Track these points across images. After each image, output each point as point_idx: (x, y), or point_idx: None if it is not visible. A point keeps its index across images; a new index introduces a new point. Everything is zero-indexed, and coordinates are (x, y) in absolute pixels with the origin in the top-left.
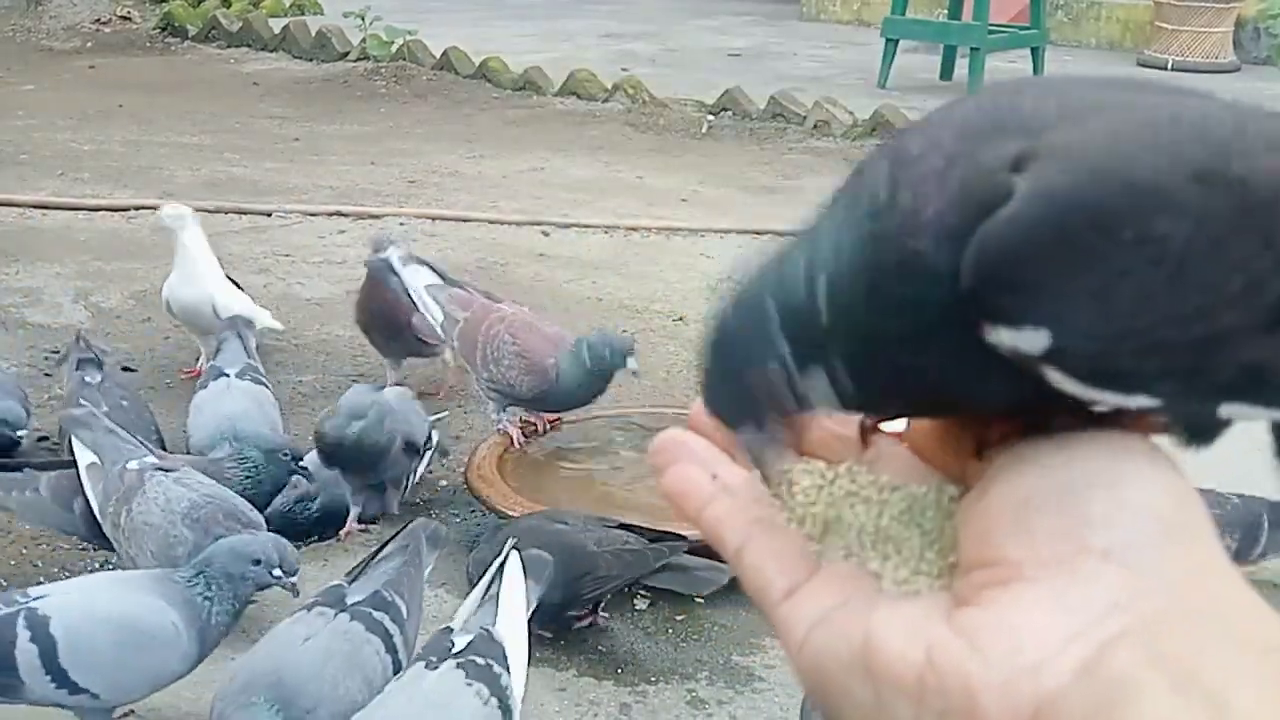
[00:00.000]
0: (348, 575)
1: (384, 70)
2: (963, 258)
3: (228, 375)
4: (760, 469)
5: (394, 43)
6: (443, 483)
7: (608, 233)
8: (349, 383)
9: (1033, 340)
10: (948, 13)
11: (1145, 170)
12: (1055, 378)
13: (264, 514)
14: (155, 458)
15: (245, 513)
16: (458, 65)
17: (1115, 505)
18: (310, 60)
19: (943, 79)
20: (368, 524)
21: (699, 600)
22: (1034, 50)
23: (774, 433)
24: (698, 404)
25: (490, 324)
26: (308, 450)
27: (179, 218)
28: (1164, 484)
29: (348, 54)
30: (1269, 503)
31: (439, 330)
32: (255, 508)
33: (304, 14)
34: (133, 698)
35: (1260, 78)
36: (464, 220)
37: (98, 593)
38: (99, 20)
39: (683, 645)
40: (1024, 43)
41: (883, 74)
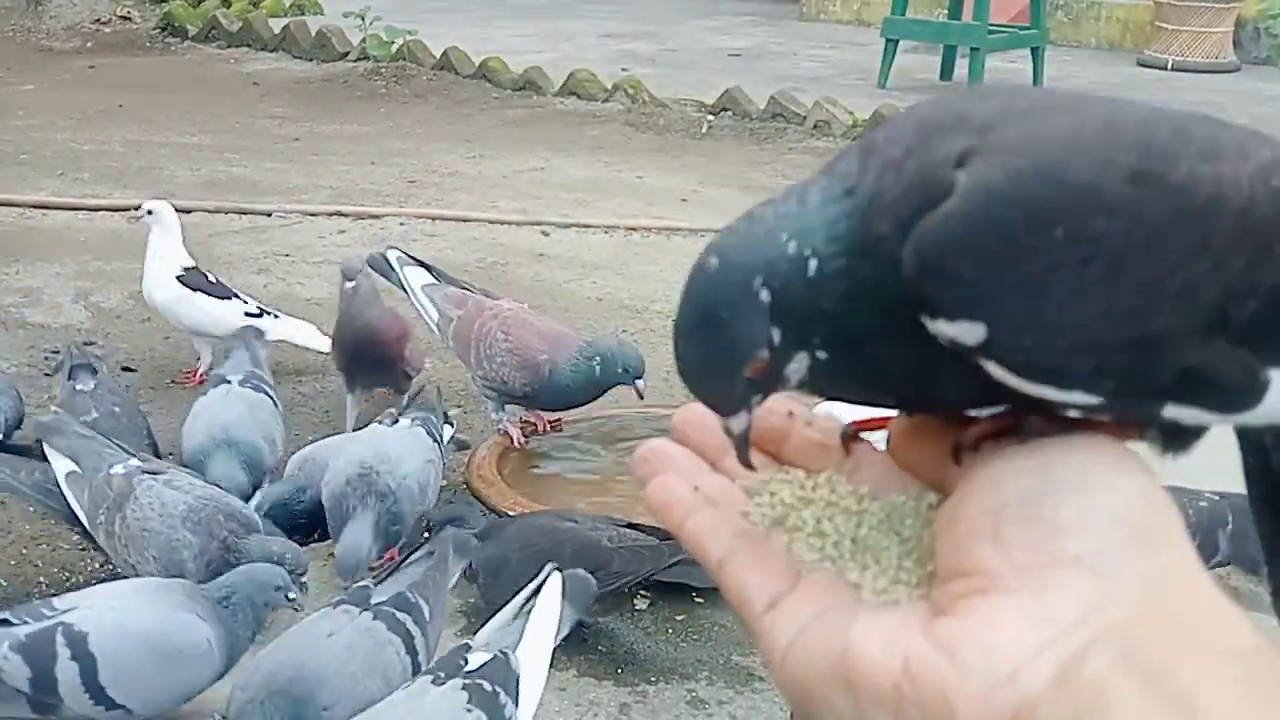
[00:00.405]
0: (374, 576)
1: (384, 70)
2: (903, 251)
3: (229, 382)
4: (737, 450)
5: (394, 43)
6: (443, 483)
7: (608, 233)
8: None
9: (969, 333)
10: (948, 13)
11: (1079, 170)
12: (993, 370)
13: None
14: (138, 460)
15: (242, 512)
16: (458, 65)
17: (1086, 512)
18: (310, 60)
19: (943, 79)
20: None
21: (699, 600)
22: (1034, 50)
23: (750, 412)
24: (680, 414)
25: (483, 321)
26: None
27: (157, 214)
28: (1135, 489)
29: (348, 54)
30: (1238, 504)
31: (434, 329)
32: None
33: (304, 14)
34: (163, 711)
35: (1260, 78)
36: (464, 220)
37: (132, 607)
38: (99, 20)
39: (683, 645)
40: (1024, 43)
41: (883, 74)
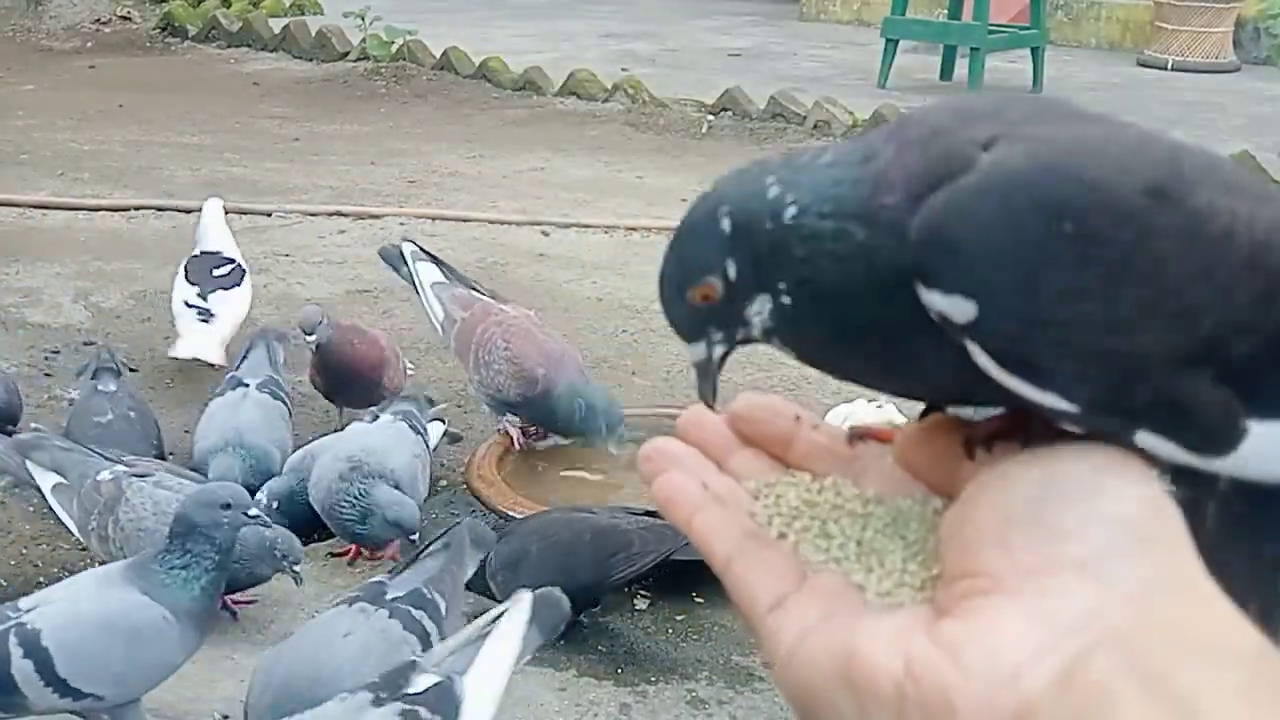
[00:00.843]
0: (391, 570)
1: (384, 70)
2: (914, 219)
3: (247, 386)
4: (701, 385)
5: (394, 43)
6: (443, 483)
7: (608, 233)
8: None
9: (960, 309)
10: (948, 13)
11: (1099, 172)
12: (975, 352)
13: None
14: (124, 465)
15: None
16: (458, 65)
17: (1090, 517)
18: (310, 60)
19: (943, 79)
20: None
21: (699, 600)
22: (1034, 50)
23: (719, 350)
24: (686, 415)
25: (486, 326)
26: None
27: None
28: (1139, 495)
29: (348, 54)
30: None
31: (438, 328)
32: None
33: (304, 14)
34: (139, 692)
35: (1260, 78)
36: (464, 220)
37: (82, 596)
38: (99, 20)
39: (683, 645)
40: (1024, 43)
41: (883, 74)
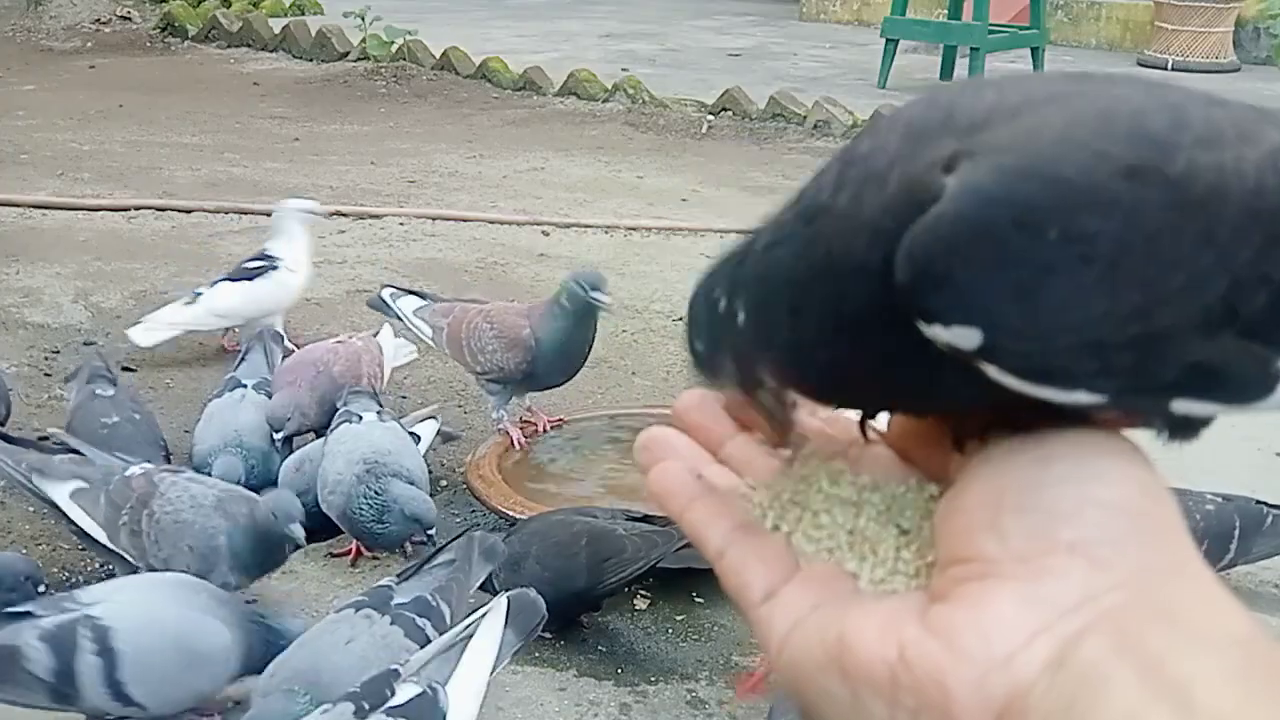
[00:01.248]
0: (399, 575)
1: (384, 70)
2: (895, 258)
3: (245, 386)
4: (768, 424)
5: (394, 43)
6: (443, 483)
7: (608, 233)
8: None
9: (966, 338)
10: (948, 13)
11: (1070, 167)
12: (992, 373)
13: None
14: (149, 465)
15: (263, 503)
16: (458, 65)
17: (1084, 501)
18: (310, 60)
19: (942, 79)
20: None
21: (699, 600)
22: (1034, 50)
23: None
24: (680, 400)
25: (469, 319)
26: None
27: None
28: (1133, 479)
29: (348, 54)
30: (1245, 508)
31: (431, 344)
32: None
33: (304, 14)
34: (175, 711)
35: (1260, 78)
36: (464, 220)
37: (158, 604)
38: (99, 20)
39: (683, 645)
40: (1024, 43)
41: (882, 74)
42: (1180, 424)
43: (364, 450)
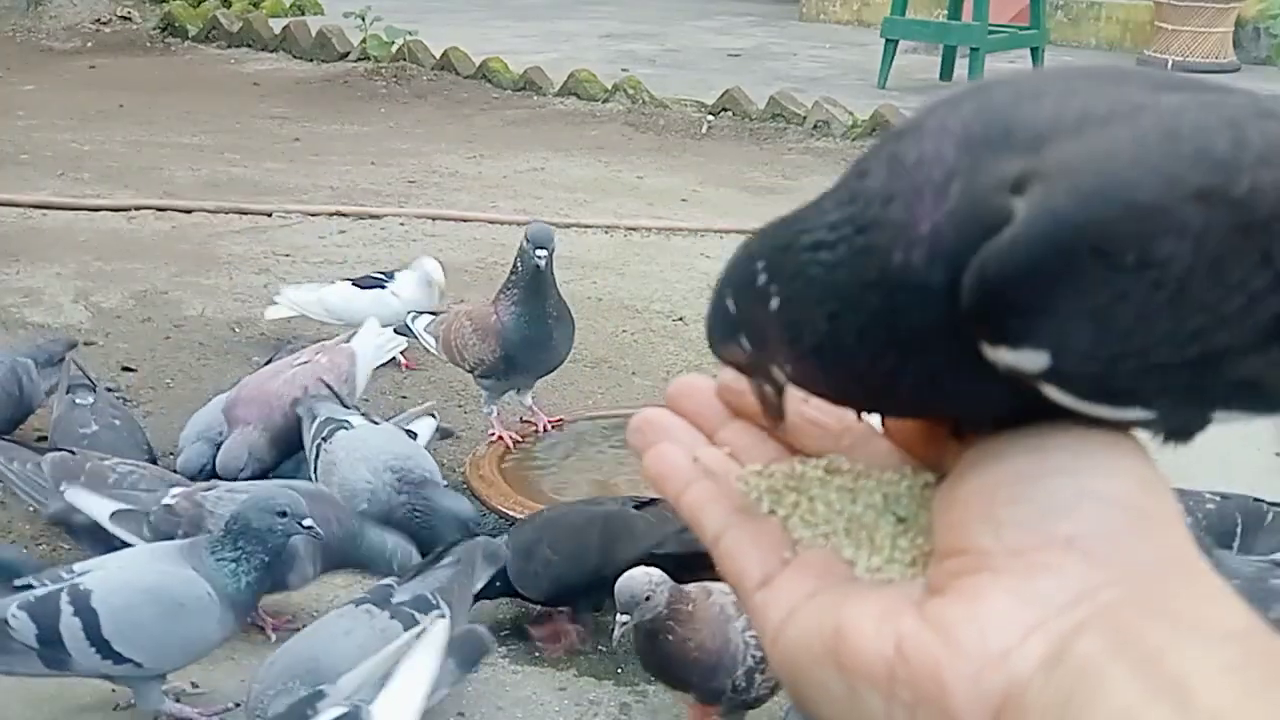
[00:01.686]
0: (401, 576)
1: (384, 70)
2: (963, 279)
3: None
4: (766, 410)
5: (394, 43)
6: (443, 483)
7: (608, 233)
8: None
9: (1033, 360)
10: (948, 13)
11: (1147, 192)
12: (1053, 393)
13: None
14: (173, 485)
15: (344, 510)
16: (458, 65)
17: (1080, 494)
18: (310, 60)
19: (942, 79)
20: None
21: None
22: (1034, 50)
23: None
24: (675, 384)
25: (454, 321)
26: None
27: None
28: (1131, 472)
29: (348, 54)
30: (1246, 506)
31: (439, 355)
32: None
33: (304, 14)
34: (175, 665)
35: (1260, 78)
36: (464, 220)
37: (135, 566)
38: (99, 20)
39: None
40: (1024, 43)
41: (882, 74)
42: (1180, 426)
43: (385, 458)
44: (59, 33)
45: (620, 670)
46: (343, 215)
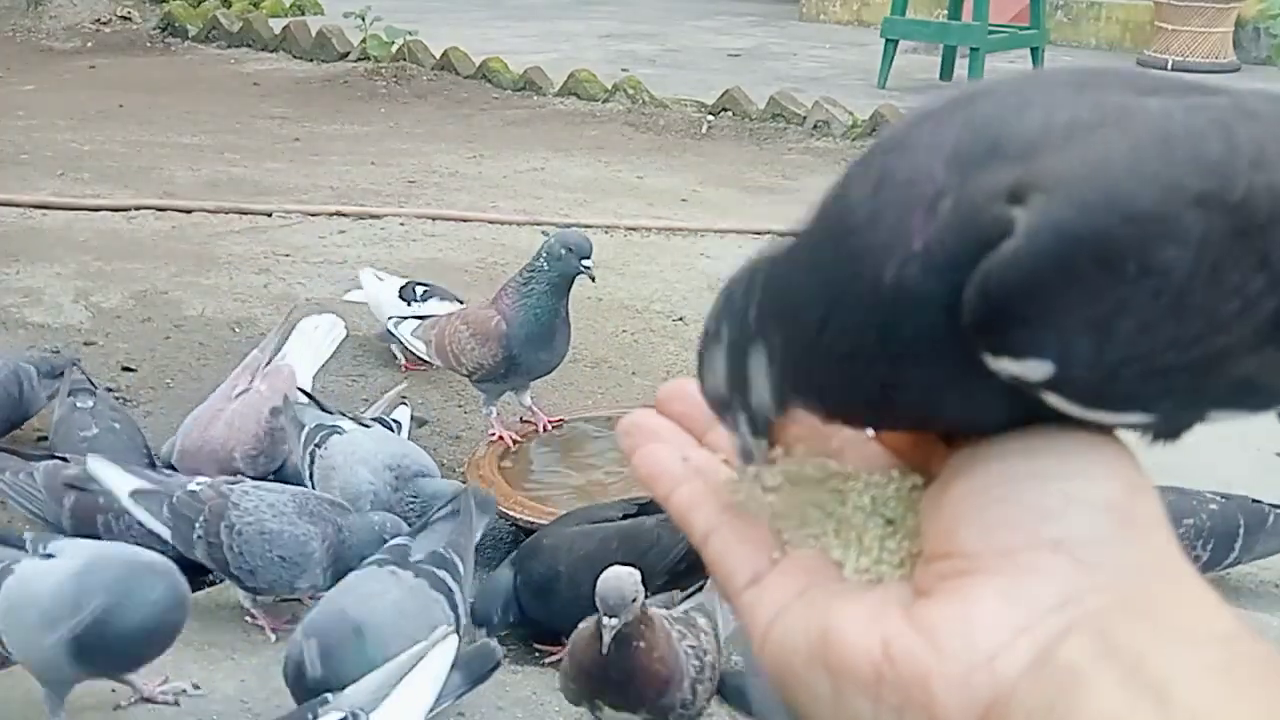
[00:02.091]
0: (409, 532)
1: (384, 70)
2: (965, 293)
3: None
4: (742, 458)
5: (394, 43)
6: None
7: (608, 233)
8: (348, 382)
9: (1037, 370)
10: (948, 13)
11: (1147, 200)
12: (1054, 401)
13: None
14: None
15: (341, 503)
16: (458, 65)
17: (1068, 498)
18: (310, 60)
19: (942, 79)
20: None
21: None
22: (1034, 50)
23: (752, 428)
24: (664, 387)
25: (448, 327)
26: None
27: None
28: (1118, 476)
29: (348, 54)
30: (1247, 507)
31: (435, 360)
32: None
33: (304, 14)
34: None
35: (1260, 78)
36: (464, 220)
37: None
38: (99, 20)
39: None
40: (1024, 43)
41: (882, 74)
42: (1166, 425)
43: (382, 458)
44: (59, 33)
45: None
46: (343, 215)
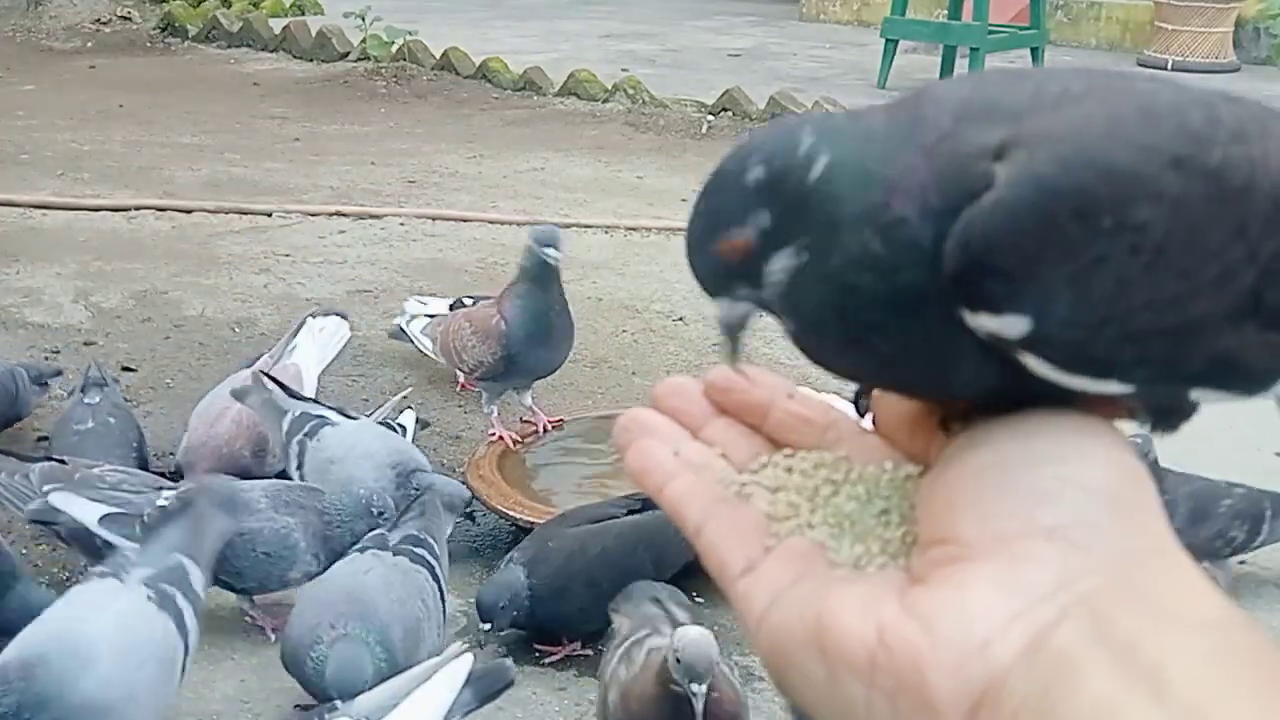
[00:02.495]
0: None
1: (384, 70)
2: (945, 242)
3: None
4: (724, 345)
5: (394, 43)
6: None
7: (608, 233)
8: (349, 382)
9: (1013, 326)
10: (948, 13)
11: (1124, 158)
12: (1032, 363)
13: None
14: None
15: (314, 487)
16: (458, 65)
17: (1062, 483)
18: (310, 60)
19: (942, 79)
20: None
21: (699, 600)
22: (1034, 50)
23: (743, 308)
24: (661, 385)
25: (453, 324)
26: None
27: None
28: (1113, 462)
29: (348, 54)
30: (1272, 494)
31: (438, 358)
32: None
33: (304, 14)
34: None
35: (1260, 78)
36: (464, 220)
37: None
38: (99, 20)
39: None
40: (1024, 43)
41: (882, 74)
42: (1166, 415)
43: (384, 455)
44: (59, 33)
45: None
46: (343, 215)
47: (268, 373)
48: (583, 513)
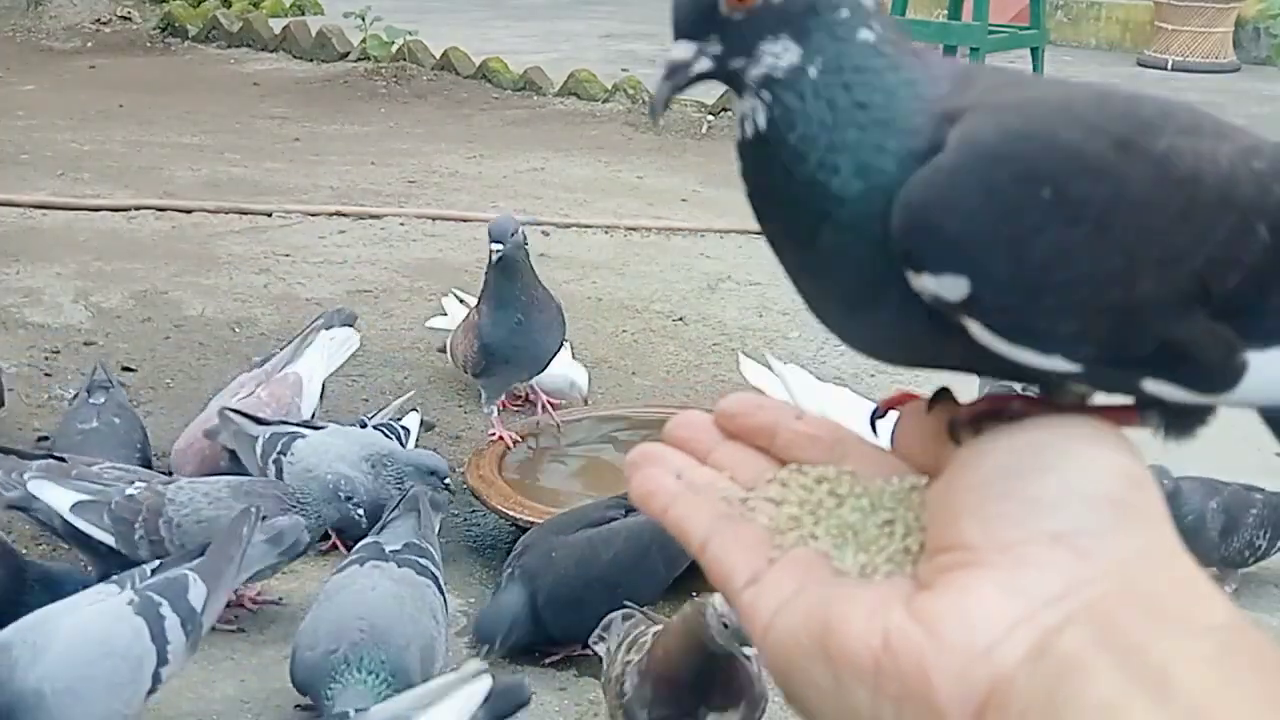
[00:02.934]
0: (374, 529)
1: (384, 70)
2: (893, 205)
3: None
4: (660, 87)
5: (394, 43)
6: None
7: (608, 233)
8: (349, 383)
9: (953, 288)
10: (948, 13)
11: (1068, 133)
12: (974, 330)
13: None
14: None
15: (276, 482)
16: (458, 65)
17: (1067, 489)
18: (310, 60)
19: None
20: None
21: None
22: (1034, 50)
23: (704, 65)
24: (672, 421)
25: (459, 326)
26: None
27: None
28: (1117, 467)
29: (348, 54)
30: None
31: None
32: None
33: (304, 14)
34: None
35: (1260, 78)
36: (464, 220)
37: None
38: (99, 20)
39: None
40: (1024, 43)
41: None
42: (1175, 417)
43: (355, 450)
44: (59, 33)
45: None
46: (343, 215)
47: (231, 407)
48: (573, 516)
